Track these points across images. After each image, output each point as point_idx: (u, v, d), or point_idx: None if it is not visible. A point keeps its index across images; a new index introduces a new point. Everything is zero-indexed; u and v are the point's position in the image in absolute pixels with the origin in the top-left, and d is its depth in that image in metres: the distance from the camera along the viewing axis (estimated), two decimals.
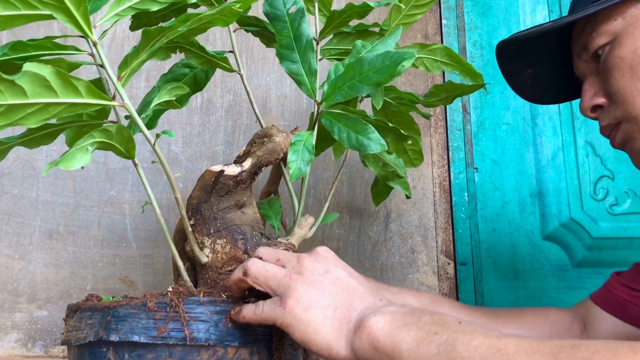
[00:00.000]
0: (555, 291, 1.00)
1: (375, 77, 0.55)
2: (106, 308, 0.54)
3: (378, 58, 0.56)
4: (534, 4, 1.12)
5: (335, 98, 0.59)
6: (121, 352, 0.53)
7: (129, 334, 0.53)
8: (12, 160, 1.04)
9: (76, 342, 0.54)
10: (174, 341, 0.53)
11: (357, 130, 0.58)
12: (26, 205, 1.02)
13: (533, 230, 1.03)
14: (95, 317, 0.54)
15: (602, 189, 1.04)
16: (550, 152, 1.06)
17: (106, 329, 0.53)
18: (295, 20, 0.62)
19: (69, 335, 0.57)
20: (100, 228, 1.01)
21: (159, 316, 0.53)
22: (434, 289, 0.99)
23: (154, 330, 0.53)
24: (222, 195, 0.65)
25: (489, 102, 1.08)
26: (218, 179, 0.64)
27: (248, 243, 0.64)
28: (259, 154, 0.66)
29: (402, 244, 1.01)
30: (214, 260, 0.63)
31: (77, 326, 0.56)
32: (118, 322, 0.53)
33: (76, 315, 0.56)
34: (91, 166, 1.04)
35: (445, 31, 1.11)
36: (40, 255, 1.00)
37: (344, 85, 0.58)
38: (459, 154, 1.06)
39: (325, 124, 0.62)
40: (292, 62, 0.64)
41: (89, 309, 0.56)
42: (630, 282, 0.72)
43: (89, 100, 0.47)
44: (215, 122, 1.06)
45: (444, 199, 1.04)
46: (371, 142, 0.58)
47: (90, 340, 0.53)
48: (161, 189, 1.03)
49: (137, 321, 0.53)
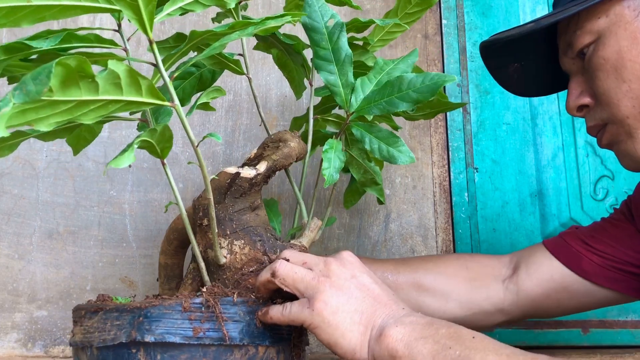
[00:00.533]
0: None
1: (414, 95, 0.60)
2: (137, 309, 0.54)
3: (418, 78, 0.61)
4: (534, 4, 1.12)
5: (372, 111, 0.63)
6: (153, 353, 0.53)
7: (164, 335, 0.52)
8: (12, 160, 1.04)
9: (101, 343, 0.53)
10: (209, 341, 0.53)
11: (389, 142, 0.64)
12: (26, 205, 1.02)
13: (533, 230, 1.03)
14: (124, 318, 0.53)
15: (602, 189, 1.04)
16: (550, 152, 1.06)
17: (139, 330, 0.52)
18: (334, 33, 0.65)
19: (88, 337, 0.55)
20: (100, 228, 1.01)
21: (194, 316, 0.54)
22: None
23: (189, 330, 0.53)
24: (237, 197, 0.65)
25: (489, 102, 1.08)
26: (234, 181, 0.64)
27: (266, 245, 0.65)
28: (274, 158, 0.67)
29: (402, 244, 1.01)
30: (233, 261, 0.64)
31: (101, 327, 0.54)
32: (152, 322, 0.53)
33: (97, 316, 0.55)
34: (91, 166, 1.04)
35: (445, 31, 1.11)
36: (40, 255, 1.00)
37: (381, 100, 0.62)
38: (459, 154, 1.06)
39: (356, 134, 0.66)
40: (330, 74, 0.67)
41: (115, 310, 0.54)
42: (587, 239, 0.73)
43: (148, 99, 0.48)
44: (215, 122, 1.06)
45: (444, 199, 1.04)
46: (401, 154, 0.63)
47: (122, 341, 0.52)
48: (161, 189, 1.03)
49: (172, 322, 0.53)
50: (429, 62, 1.10)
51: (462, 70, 1.10)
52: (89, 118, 0.44)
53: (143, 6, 0.47)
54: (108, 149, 1.05)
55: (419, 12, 0.75)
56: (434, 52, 1.10)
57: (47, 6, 0.43)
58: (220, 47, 0.55)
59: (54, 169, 1.04)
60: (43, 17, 0.44)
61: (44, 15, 0.44)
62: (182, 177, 1.03)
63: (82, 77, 0.40)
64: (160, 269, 0.73)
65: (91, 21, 1.09)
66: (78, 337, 0.56)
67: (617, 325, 0.99)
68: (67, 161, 1.04)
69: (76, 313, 0.58)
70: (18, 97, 0.35)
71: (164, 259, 0.73)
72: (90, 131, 0.67)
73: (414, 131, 1.06)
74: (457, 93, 1.08)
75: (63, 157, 1.05)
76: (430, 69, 1.09)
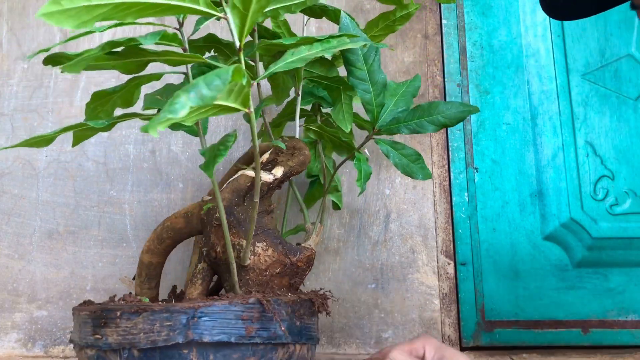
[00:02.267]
0: (555, 291, 1.00)
1: (442, 120, 0.68)
2: (190, 309, 0.54)
3: (446, 105, 0.69)
4: (534, 4, 1.12)
5: (401, 130, 0.71)
6: (206, 353, 0.53)
7: (221, 335, 0.53)
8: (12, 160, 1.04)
9: (149, 344, 0.53)
10: (259, 340, 0.55)
11: (412, 160, 0.72)
12: (26, 205, 1.02)
13: (533, 230, 1.03)
14: (177, 319, 0.53)
15: (602, 189, 1.04)
16: (550, 152, 1.06)
17: (195, 330, 0.53)
18: (369, 56, 0.71)
19: (130, 339, 0.54)
20: (100, 228, 1.01)
21: (246, 316, 0.55)
22: (434, 289, 0.99)
23: (242, 330, 0.54)
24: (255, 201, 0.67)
25: (489, 102, 1.08)
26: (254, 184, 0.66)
27: (285, 247, 0.67)
28: (290, 164, 0.69)
29: (402, 244, 1.01)
30: (257, 262, 0.65)
31: (147, 328, 0.54)
32: (206, 322, 0.53)
33: (140, 316, 0.54)
34: (91, 166, 1.04)
35: (445, 31, 1.11)
36: (40, 255, 1.00)
37: (411, 121, 0.70)
38: (459, 154, 1.06)
39: (382, 149, 0.73)
40: (366, 92, 0.72)
41: (165, 310, 0.54)
42: None
43: (237, 105, 0.48)
44: (215, 122, 1.06)
45: (444, 199, 1.04)
46: (420, 172, 0.71)
47: (179, 342, 0.52)
48: (161, 189, 1.03)
49: (227, 322, 0.54)
50: (429, 62, 1.10)
51: (462, 70, 1.10)
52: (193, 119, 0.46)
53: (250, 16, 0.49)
54: (108, 149, 1.05)
55: (382, 36, 0.81)
56: (434, 52, 1.10)
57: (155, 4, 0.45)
58: (300, 61, 0.57)
59: (54, 169, 1.04)
60: (149, 13, 0.46)
61: (150, 12, 0.46)
62: (182, 177, 1.03)
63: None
64: (142, 267, 0.72)
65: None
66: (113, 338, 0.55)
67: (617, 325, 0.99)
68: (67, 161, 1.04)
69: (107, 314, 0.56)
70: (194, 100, 0.36)
71: (149, 258, 0.72)
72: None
73: None
74: (457, 93, 1.08)
75: (63, 157, 1.04)
76: (430, 69, 1.09)
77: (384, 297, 0.99)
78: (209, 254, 0.67)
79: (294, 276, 0.69)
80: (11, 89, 1.09)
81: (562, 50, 1.10)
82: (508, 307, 1.00)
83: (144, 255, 0.73)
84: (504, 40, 1.11)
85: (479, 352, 0.98)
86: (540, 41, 1.11)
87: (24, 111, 1.08)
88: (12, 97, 1.09)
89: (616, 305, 1.00)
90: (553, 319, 0.99)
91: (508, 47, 1.10)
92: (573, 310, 0.99)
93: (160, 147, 1.05)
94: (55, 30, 1.12)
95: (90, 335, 0.56)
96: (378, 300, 0.99)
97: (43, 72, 1.10)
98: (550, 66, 1.09)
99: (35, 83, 1.09)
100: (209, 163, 0.52)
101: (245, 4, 0.48)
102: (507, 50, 1.10)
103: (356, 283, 0.99)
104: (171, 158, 1.04)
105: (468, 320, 0.99)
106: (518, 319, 0.99)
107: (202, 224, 0.69)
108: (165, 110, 0.35)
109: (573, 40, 1.10)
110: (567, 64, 1.09)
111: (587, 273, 1.01)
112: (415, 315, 0.98)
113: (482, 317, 0.99)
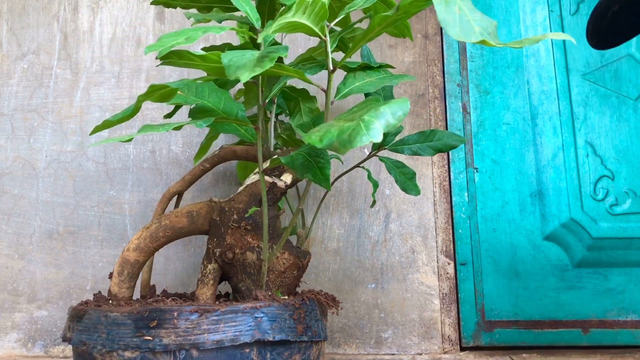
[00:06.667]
0: (555, 291, 1.00)
1: (439, 146, 0.76)
2: (253, 309, 0.57)
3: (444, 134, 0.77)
4: (534, 4, 1.12)
5: (404, 151, 0.77)
6: (264, 351, 0.56)
7: (282, 334, 0.57)
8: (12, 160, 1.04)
9: (216, 345, 0.54)
10: (306, 338, 0.59)
11: (407, 177, 0.79)
12: (26, 205, 1.02)
13: (533, 230, 1.03)
14: (240, 319, 0.56)
15: (602, 189, 1.04)
16: (550, 152, 1.06)
17: (260, 330, 0.56)
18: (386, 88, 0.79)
19: (192, 339, 0.54)
20: (100, 228, 1.01)
21: (295, 316, 0.59)
22: (434, 289, 0.99)
23: (294, 329, 0.58)
24: (270, 205, 0.69)
25: (489, 102, 1.08)
26: (271, 190, 0.69)
27: (296, 250, 0.70)
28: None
29: (402, 244, 1.01)
30: (275, 265, 0.67)
31: (212, 329, 0.55)
32: (270, 322, 0.57)
33: (202, 316, 0.55)
34: (91, 166, 1.04)
35: (445, 31, 1.11)
36: (40, 255, 1.00)
37: (414, 144, 0.77)
38: (459, 154, 1.06)
39: (387, 166, 0.80)
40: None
41: (229, 312, 0.56)
42: None
43: None
44: None
45: (444, 199, 1.04)
46: (413, 189, 0.78)
47: (247, 341, 0.55)
48: (161, 188, 1.03)
49: (283, 321, 0.58)
50: (429, 62, 1.10)
51: (462, 70, 1.10)
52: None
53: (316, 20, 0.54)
54: (108, 149, 1.05)
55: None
56: (434, 52, 1.10)
57: None
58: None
59: (54, 169, 1.04)
60: None
61: None
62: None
63: None
64: (126, 265, 0.69)
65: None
66: (171, 339, 0.55)
67: (617, 325, 0.99)
68: (67, 161, 1.04)
69: (160, 314, 0.55)
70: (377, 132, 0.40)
71: (136, 256, 0.70)
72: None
73: (414, 131, 1.06)
74: (457, 93, 1.08)
75: (63, 157, 1.04)
76: (430, 69, 1.09)
77: (384, 297, 0.99)
78: (224, 255, 0.67)
79: (299, 278, 0.71)
80: (11, 89, 1.09)
81: (562, 50, 1.10)
82: (508, 307, 1.00)
83: (130, 253, 0.70)
84: (504, 40, 1.11)
85: (479, 352, 0.98)
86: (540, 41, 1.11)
87: (24, 111, 1.08)
88: (12, 97, 1.09)
89: (616, 305, 1.00)
90: (553, 319, 0.99)
91: (508, 47, 1.10)
92: (573, 310, 0.99)
93: (160, 147, 1.05)
94: (55, 30, 1.12)
95: (132, 337, 0.55)
96: (378, 300, 0.99)
97: (43, 72, 1.10)
98: (550, 66, 1.09)
99: (35, 83, 1.09)
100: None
101: None
102: (507, 50, 1.10)
103: (356, 283, 0.99)
104: (171, 158, 1.04)
105: (468, 320, 0.99)
106: (518, 319, 0.99)
107: (212, 225, 0.70)
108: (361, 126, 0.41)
109: None
110: (567, 64, 1.09)
111: (587, 273, 1.01)
112: (415, 315, 0.98)
113: (482, 317, 0.99)
